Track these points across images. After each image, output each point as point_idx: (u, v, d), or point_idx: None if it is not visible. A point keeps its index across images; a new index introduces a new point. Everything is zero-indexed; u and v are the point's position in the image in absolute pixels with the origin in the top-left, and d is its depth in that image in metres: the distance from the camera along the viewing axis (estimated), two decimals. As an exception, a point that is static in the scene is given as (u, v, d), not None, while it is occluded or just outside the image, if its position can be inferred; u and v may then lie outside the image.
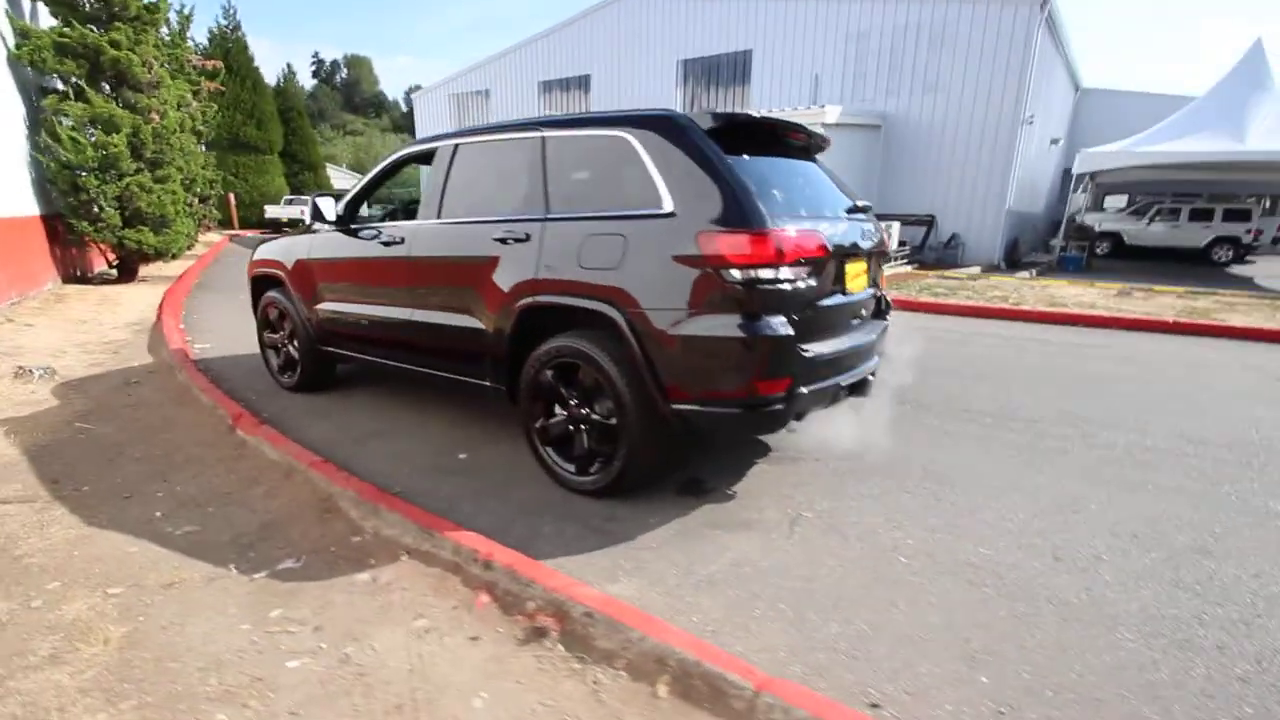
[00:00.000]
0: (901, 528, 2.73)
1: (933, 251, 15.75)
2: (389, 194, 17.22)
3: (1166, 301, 9.31)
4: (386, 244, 3.70)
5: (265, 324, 4.79)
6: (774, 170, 2.96)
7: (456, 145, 3.53)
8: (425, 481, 3.20)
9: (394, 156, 3.96)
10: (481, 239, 3.22)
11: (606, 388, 2.79)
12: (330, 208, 3.98)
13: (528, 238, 3.02)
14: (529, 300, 2.99)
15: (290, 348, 4.62)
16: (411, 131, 27.82)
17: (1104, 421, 4.13)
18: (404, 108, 73.80)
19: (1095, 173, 15.22)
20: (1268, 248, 19.59)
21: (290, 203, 22.08)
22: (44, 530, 2.74)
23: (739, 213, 2.51)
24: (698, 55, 19.37)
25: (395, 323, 3.73)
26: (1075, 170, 14.19)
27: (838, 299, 2.95)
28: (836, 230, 2.95)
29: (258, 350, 5.00)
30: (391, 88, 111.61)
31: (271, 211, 21.72)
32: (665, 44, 19.86)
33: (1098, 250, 18.45)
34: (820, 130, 3.27)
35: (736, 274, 2.49)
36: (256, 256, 4.81)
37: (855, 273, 3.10)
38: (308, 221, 4.39)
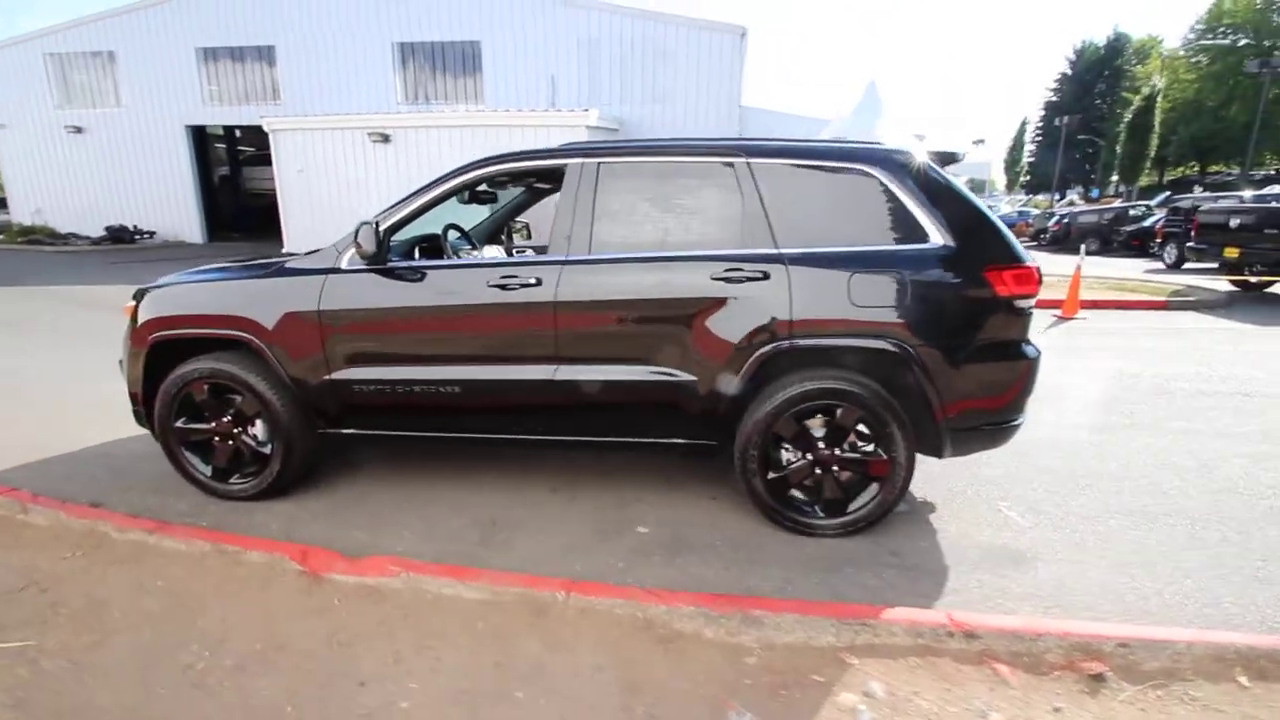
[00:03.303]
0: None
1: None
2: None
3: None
4: (506, 287, 2.87)
5: (182, 409, 3.21)
6: None
7: (599, 164, 2.91)
8: (669, 570, 2.67)
9: (477, 171, 3.04)
10: (691, 278, 2.77)
11: (876, 423, 2.75)
12: (371, 239, 2.86)
13: (766, 276, 2.72)
14: (779, 344, 2.72)
15: (246, 439, 3.21)
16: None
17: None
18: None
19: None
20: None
21: None
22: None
23: (1009, 247, 2.73)
24: (419, 39, 17.88)
25: (518, 385, 2.93)
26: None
27: None
28: None
29: (65, 445, 3.35)
30: None
31: None
32: (375, 21, 17.84)
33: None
34: (585, 131, 3.61)
35: (1015, 304, 2.72)
36: (160, 309, 3.17)
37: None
38: (291, 254, 3.09)
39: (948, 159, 2.86)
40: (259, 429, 3.23)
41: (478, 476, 3.55)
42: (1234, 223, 10.10)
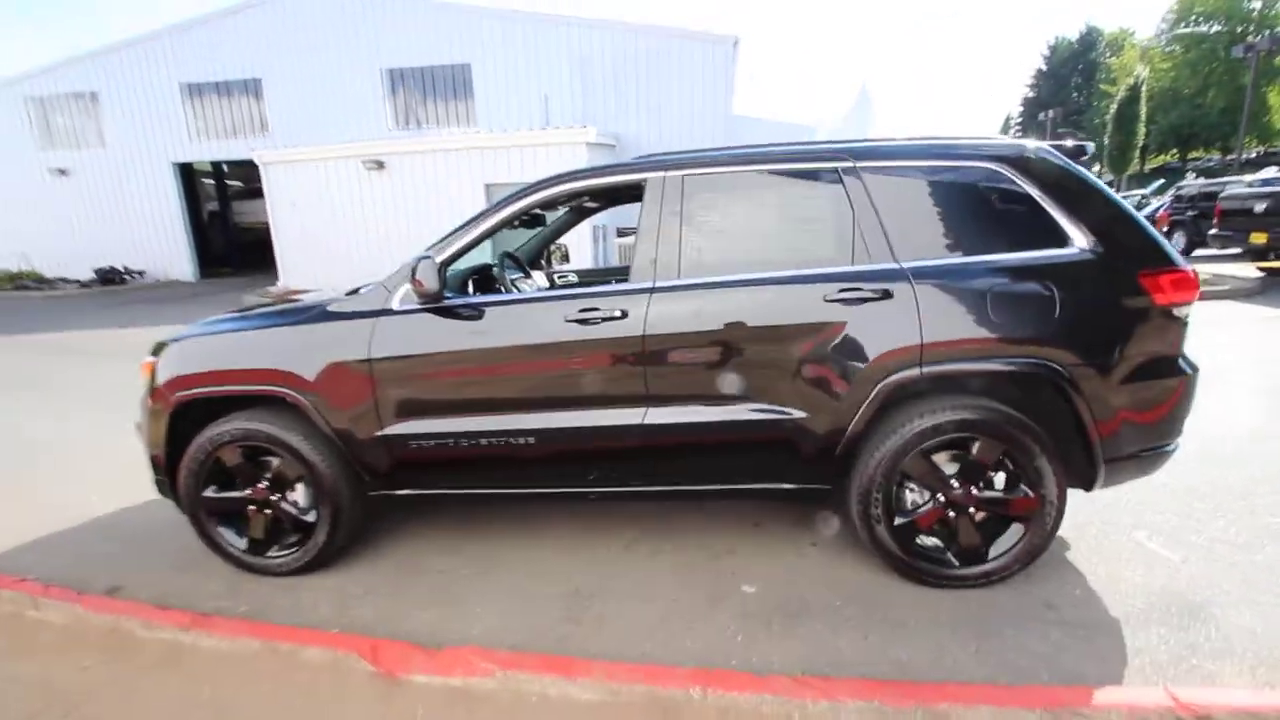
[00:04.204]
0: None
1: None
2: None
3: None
4: (586, 322, 2.51)
5: (212, 476, 2.82)
6: None
7: (684, 177, 2.57)
8: (796, 642, 2.29)
9: (544, 192, 2.68)
10: (800, 301, 2.43)
11: (1022, 457, 2.39)
12: (434, 276, 2.50)
13: (888, 295, 2.38)
14: (907, 372, 2.37)
15: (286, 506, 2.83)
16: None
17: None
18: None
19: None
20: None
21: None
22: None
23: (1160, 249, 2.40)
24: (407, 65, 17.62)
25: (602, 431, 2.56)
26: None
27: None
28: None
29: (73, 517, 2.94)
30: None
31: None
32: (363, 49, 17.57)
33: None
34: (585, 148, 3.30)
35: (1173, 313, 2.38)
36: (184, 365, 2.78)
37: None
38: (342, 294, 2.73)
39: (1077, 153, 2.54)
40: (300, 494, 2.84)
41: (539, 532, 3.17)
42: (1259, 208, 9.90)
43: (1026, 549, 2.49)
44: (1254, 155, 37.09)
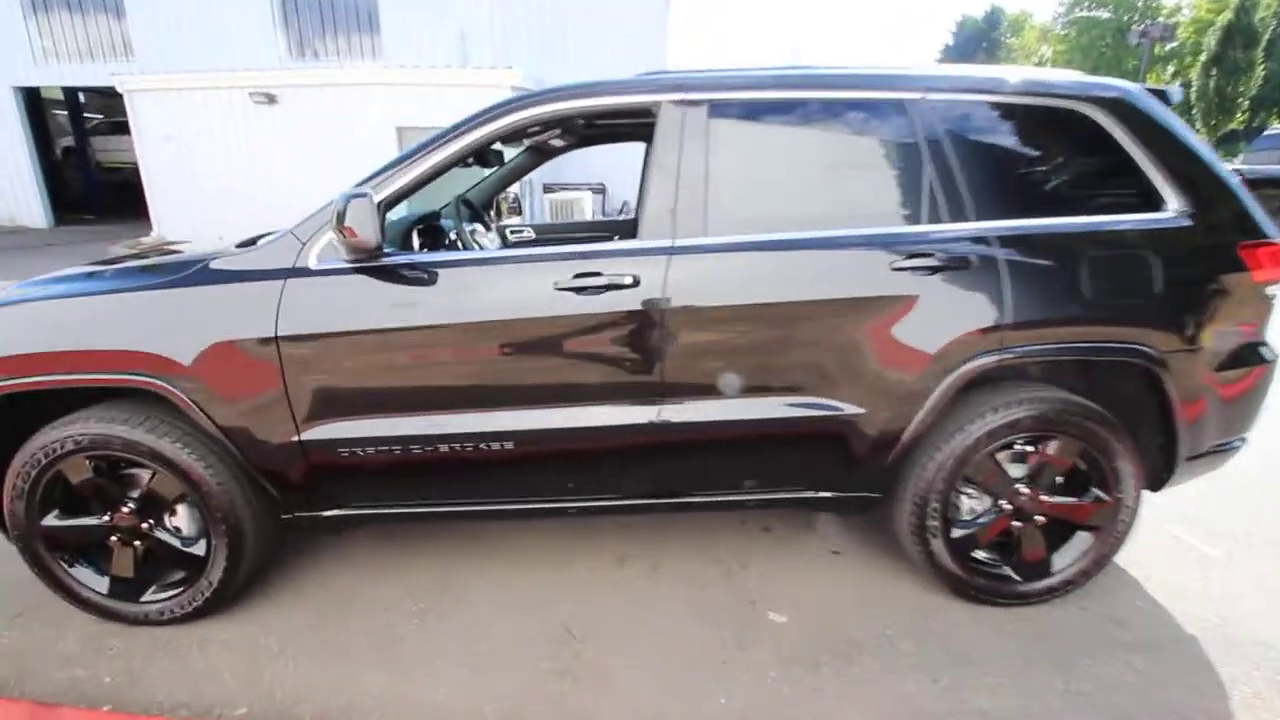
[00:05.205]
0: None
1: (607, 217, 16.51)
2: None
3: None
4: (584, 290, 1.89)
5: (51, 498, 2.04)
6: None
7: (710, 103, 1.97)
8: (857, 689, 1.85)
9: (514, 115, 1.96)
10: (859, 269, 1.92)
11: (1104, 456, 2.04)
12: (370, 222, 1.79)
13: (966, 264, 1.91)
14: (988, 357, 1.92)
15: (164, 535, 2.10)
16: None
17: None
18: None
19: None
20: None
21: None
22: None
23: (1254, 219, 2.06)
24: (304, -12, 15.56)
25: (602, 433, 1.98)
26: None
27: None
28: None
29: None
30: None
31: None
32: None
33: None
34: (510, 92, 2.91)
35: (1266, 291, 2.06)
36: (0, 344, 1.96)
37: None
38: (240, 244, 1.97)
39: (1163, 100, 2.15)
40: (183, 519, 2.11)
41: (505, 546, 2.58)
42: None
43: (1095, 559, 2.17)
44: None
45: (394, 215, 2.36)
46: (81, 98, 19.63)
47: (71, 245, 13.22)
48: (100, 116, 20.49)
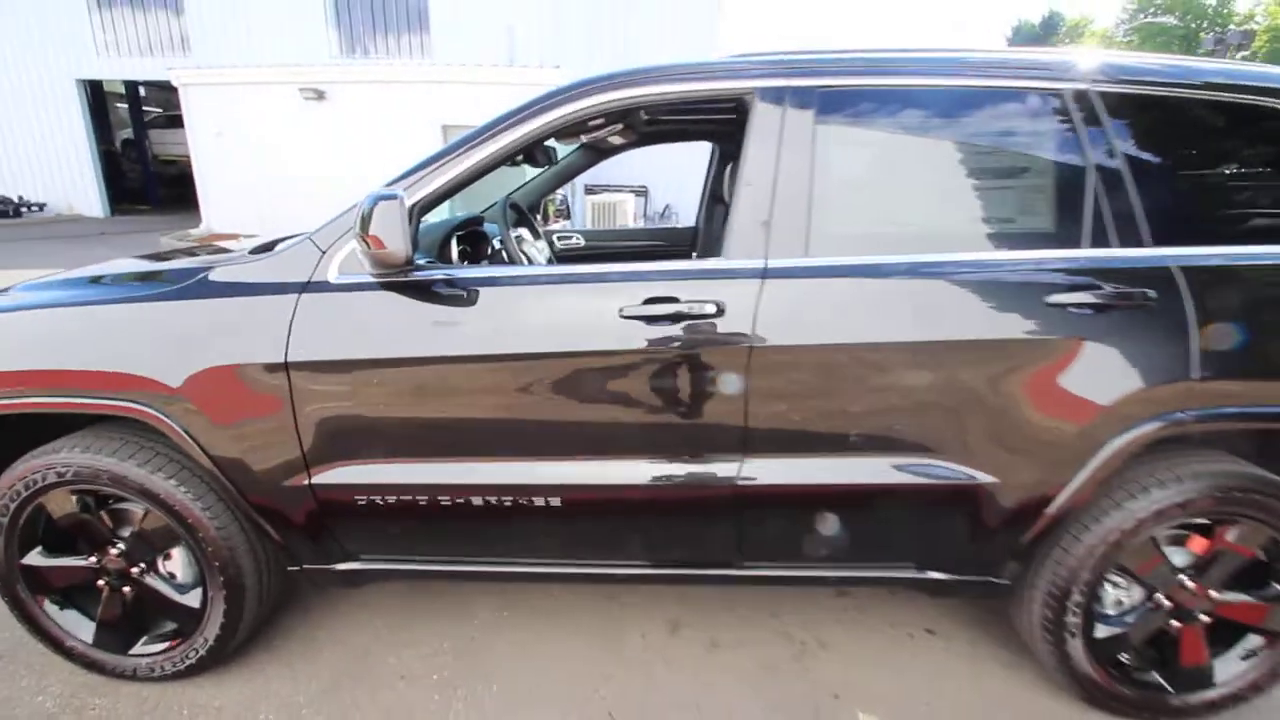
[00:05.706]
0: None
1: (649, 221, 16.16)
2: None
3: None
4: (654, 320, 1.54)
5: (31, 535, 1.78)
6: None
7: (818, 90, 1.60)
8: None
9: (579, 103, 1.64)
10: (1009, 302, 1.53)
11: None
12: (400, 229, 1.47)
13: (1144, 300, 1.50)
14: (1168, 419, 1.51)
15: (155, 581, 1.82)
16: None
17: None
18: None
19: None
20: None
21: None
22: None
23: None
24: (353, -11, 15.64)
25: (671, 490, 1.63)
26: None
27: None
28: None
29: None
30: None
31: None
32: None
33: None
34: None
35: None
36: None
37: None
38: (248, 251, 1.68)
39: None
40: (178, 564, 1.83)
41: (538, 609, 2.24)
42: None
43: (1271, 669, 1.73)
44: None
45: (432, 218, 2.05)
46: (141, 91, 20.19)
47: (125, 234, 13.48)
48: (159, 110, 21.06)
